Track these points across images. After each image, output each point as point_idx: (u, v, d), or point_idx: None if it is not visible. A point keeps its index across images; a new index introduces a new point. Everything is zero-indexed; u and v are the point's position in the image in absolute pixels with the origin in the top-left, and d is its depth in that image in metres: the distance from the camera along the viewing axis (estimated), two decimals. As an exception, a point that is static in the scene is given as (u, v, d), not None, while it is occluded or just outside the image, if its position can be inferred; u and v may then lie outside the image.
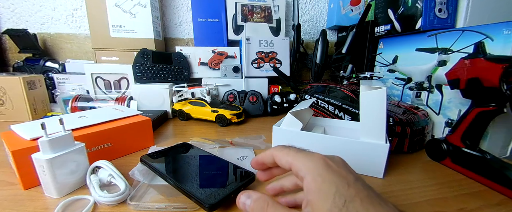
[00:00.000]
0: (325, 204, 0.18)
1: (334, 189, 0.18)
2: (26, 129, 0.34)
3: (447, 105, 0.45)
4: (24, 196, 0.29)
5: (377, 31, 0.65)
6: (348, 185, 0.18)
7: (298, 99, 0.70)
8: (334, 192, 0.18)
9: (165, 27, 0.88)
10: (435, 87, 0.48)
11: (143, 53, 0.69)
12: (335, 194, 0.18)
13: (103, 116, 0.41)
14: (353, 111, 0.49)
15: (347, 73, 0.64)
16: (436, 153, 0.40)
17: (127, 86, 0.69)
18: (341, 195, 0.18)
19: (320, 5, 0.94)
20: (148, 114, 0.57)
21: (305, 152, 0.22)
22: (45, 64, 0.76)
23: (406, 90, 0.55)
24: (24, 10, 0.80)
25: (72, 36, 0.83)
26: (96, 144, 0.37)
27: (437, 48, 0.47)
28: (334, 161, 0.21)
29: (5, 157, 0.37)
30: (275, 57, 0.79)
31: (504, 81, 0.31)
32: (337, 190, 0.18)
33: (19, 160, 0.29)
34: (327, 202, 0.18)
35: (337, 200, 0.17)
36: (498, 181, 0.32)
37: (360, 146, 0.35)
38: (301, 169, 0.20)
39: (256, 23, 0.84)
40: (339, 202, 0.17)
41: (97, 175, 0.30)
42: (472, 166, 0.35)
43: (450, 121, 0.45)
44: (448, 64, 0.45)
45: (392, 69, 0.60)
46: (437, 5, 0.48)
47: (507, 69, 0.30)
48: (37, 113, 0.61)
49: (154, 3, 0.75)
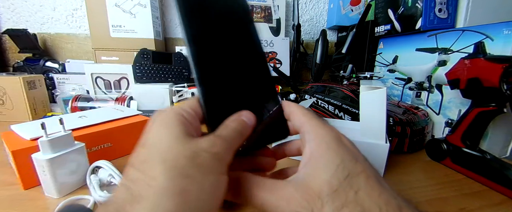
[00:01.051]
0: (324, 174, 0.15)
1: (338, 160, 0.16)
2: (26, 129, 0.34)
3: (447, 105, 0.45)
4: (24, 196, 0.29)
5: (377, 31, 0.65)
6: (356, 160, 0.16)
7: (298, 99, 0.70)
8: (338, 163, 0.16)
9: (165, 27, 0.88)
10: (435, 87, 0.48)
11: (143, 53, 0.68)
12: (339, 165, 0.15)
13: (103, 116, 0.41)
14: (353, 111, 0.49)
15: (347, 73, 0.64)
16: (436, 153, 0.40)
17: (127, 86, 0.69)
18: (345, 167, 0.15)
19: (320, 5, 0.94)
20: (148, 114, 0.57)
21: (322, 120, 0.19)
22: (45, 64, 0.76)
23: (406, 90, 0.55)
24: (24, 10, 0.80)
25: (72, 36, 0.83)
26: (96, 144, 0.37)
27: (437, 48, 0.47)
28: (345, 138, 0.18)
29: (5, 157, 0.37)
30: (275, 57, 0.79)
31: (504, 81, 0.31)
32: (342, 162, 0.16)
33: (19, 160, 0.29)
34: (327, 171, 0.15)
35: (339, 172, 0.15)
36: (498, 181, 0.32)
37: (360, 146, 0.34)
38: (310, 132, 0.18)
39: (256, 23, 0.84)
40: (341, 174, 0.15)
41: (97, 175, 0.30)
42: (472, 166, 0.35)
43: (450, 121, 0.45)
44: (448, 64, 0.45)
45: (392, 69, 0.60)
46: (437, 5, 0.48)
47: (507, 69, 0.30)
48: (37, 113, 0.61)
49: (154, 3, 0.75)
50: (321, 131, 0.18)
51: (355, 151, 0.17)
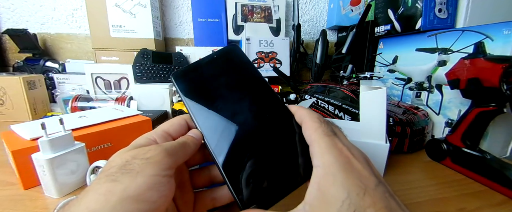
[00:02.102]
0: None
1: (344, 195, 0.15)
2: (26, 129, 0.34)
3: (447, 105, 0.45)
4: (24, 196, 0.29)
5: (377, 31, 0.65)
6: (365, 191, 0.15)
7: (298, 99, 0.70)
8: (343, 199, 0.15)
9: (165, 27, 0.88)
10: (435, 87, 0.48)
11: (143, 53, 0.68)
12: (344, 201, 0.15)
13: (103, 116, 0.41)
14: (353, 111, 0.49)
15: (347, 73, 0.64)
16: (436, 153, 0.40)
17: (127, 86, 0.69)
18: (351, 203, 0.15)
19: (320, 5, 0.94)
20: (148, 114, 0.57)
21: (333, 139, 0.18)
22: (45, 64, 0.76)
23: (406, 90, 0.55)
24: (24, 10, 0.80)
25: (72, 36, 0.83)
26: (96, 144, 0.37)
27: (437, 48, 0.47)
28: (357, 158, 0.17)
29: (5, 157, 0.37)
30: (275, 57, 0.79)
31: (504, 81, 0.31)
32: (348, 197, 0.15)
33: (19, 160, 0.29)
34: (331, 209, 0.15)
35: (344, 209, 0.15)
36: (498, 181, 0.32)
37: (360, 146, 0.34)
38: (317, 156, 0.17)
39: (256, 23, 0.84)
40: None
41: (97, 175, 0.30)
42: (472, 166, 0.35)
43: (450, 121, 0.45)
44: (448, 64, 0.45)
45: (392, 69, 0.60)
46: (437, 5, 0.48)
47: (507, 69, 0.30)
48: (37, 113, 0.61)
49: (154, 3, 0.75)
50: (329, 158, 0.17)
51: (365, 175, 0.16)
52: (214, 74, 0.23)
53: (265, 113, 0.22)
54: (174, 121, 0.22)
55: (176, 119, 0.22)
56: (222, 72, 0.24)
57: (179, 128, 0.22)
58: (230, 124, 0.21)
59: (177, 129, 0.22)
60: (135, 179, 0.15)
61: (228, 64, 0.24)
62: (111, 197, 0.14)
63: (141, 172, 0.16)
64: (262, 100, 0.23)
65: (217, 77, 0.23)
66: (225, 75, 0.23)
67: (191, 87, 0.23)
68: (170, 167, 0.18)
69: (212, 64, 0.24)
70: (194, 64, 0.24)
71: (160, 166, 0.17)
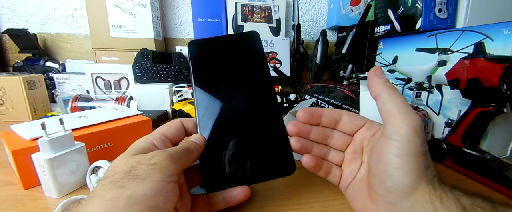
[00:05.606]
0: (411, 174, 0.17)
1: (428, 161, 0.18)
2: (26, 129, 0.34)
3: (447, 105, 0.45)
4: (24, 196, 0.29)
5: (377, 31, 0.65)
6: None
7: (298, 99, 0.70)
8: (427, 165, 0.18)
9: (165, 27, 0.88)
10: (435, 87, 0.48)
11: (143, 53, 0.68)
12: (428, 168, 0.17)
13: (103, 116, 0.41)
14: (353, 111, 0.49)
15: (347, 73, 0.64)
16: (436, 153, 0.40)
17: (127, 86, 0.69)
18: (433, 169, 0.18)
19: (320, 5, 0.94)
20: (148, 114, 0.57)
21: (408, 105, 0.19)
22: (45, 64, 0.76)
23: (406, 90, 0.55)
24: (24, 10, 0.80)
25: (72, 36, 0.83)
26: (96, 144, 0.37)
27: (437, 48, 0.47)
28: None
29: (5, 157, 0.37)
30: (275, 57, 0.79)
31: (504, 81, 0.31)
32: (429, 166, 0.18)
33: (19, 160, 0.29)
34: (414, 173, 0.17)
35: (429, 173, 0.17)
36: (498, 181, 0.32)
37: (360, 146, 0.35)
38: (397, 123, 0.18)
39: (256, 23, 0.84)
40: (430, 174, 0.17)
41: (97, 175, 0.30)
42: (472, 166, 0.35)
43: (450, 121, 0.45)
44: (448, 64, 0.45)
45: (392, 69, 0.60)
46: (437, 5, 0.48)
47: (507, 69, 0.30)
48: (37, 113, 0.61)
49: (154, 3, 0.75)
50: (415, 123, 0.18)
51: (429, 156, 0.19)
52: (226, 53, 0.24)
53: (256, 107, 0.23)
54: (171, 124, 0.22)
55: (173, 122, 0.23)
56: (234, 54, 0.24)
57: (176, 131, 0.22)
58: (221, 109, 0.22)
59: (175, 132, 0.22)
60: (142, 185, 0.15)
61: (242, 49, 0.25)
62: (118, 204, 0.14)
63: (147, 178, 0.16)
64: (259, 94, 0.23)
65: (228, 56, 0.24)
66: (236, 58, 0.24)
67: (202, 58, 0.24)
68: (175, 173, 0.18)
69: (228, 43, 0.25)
70: (212, 38, 0.25)
71: (166, 172, 0.17)
